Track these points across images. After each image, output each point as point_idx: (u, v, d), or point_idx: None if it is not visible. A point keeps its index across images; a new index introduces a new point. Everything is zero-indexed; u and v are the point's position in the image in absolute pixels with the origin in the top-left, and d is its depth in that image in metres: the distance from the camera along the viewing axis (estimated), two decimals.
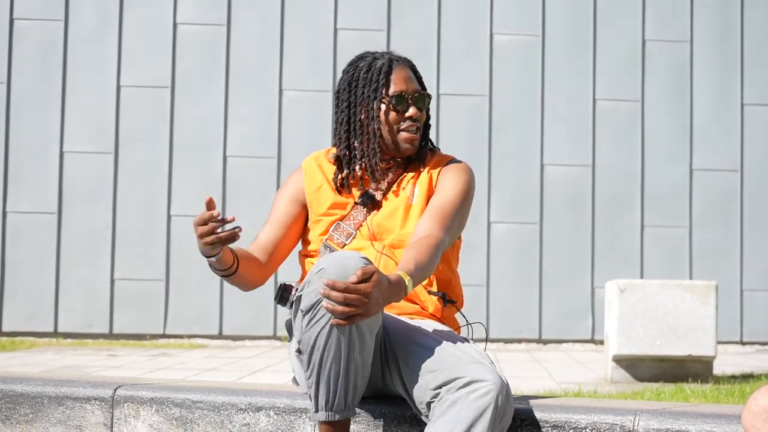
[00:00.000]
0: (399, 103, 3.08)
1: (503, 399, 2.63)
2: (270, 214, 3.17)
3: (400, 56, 3.17)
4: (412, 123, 3.09)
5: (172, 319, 8.61)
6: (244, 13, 8.79)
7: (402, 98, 3.09)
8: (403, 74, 3.11)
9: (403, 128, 3.09)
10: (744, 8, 8.87)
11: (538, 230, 8.73)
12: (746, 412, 2.25)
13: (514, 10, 8.86)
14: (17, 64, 8.70)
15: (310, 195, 3.14)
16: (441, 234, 2.94)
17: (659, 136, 8.81)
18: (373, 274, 2.60)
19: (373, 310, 2.60)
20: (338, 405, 2.70)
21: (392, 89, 3.09)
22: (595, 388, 5.35)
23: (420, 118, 3.11)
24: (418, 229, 2.98)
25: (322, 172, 3.15)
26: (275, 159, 8.71)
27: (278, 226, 3.14)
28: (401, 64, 3.14)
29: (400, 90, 3.09)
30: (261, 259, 3.08)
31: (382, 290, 2.62)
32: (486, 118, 8.78)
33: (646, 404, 3.08)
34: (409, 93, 3.10)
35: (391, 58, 3.13)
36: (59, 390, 3.37)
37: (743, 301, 8.73)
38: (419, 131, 3.12)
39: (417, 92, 3.11)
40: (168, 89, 8.73)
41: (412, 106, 3.10)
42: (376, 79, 3.09)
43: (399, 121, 3.09)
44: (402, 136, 3.10)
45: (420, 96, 3.11)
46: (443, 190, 3.08)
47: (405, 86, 3.10)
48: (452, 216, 3.02)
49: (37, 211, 8.63)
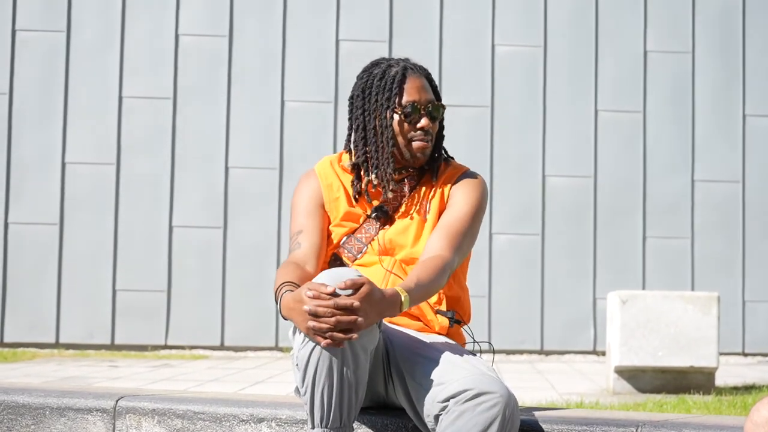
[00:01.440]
0: (412, 114, 3.05)
1: (510, 411, 2.63)
2: (296, 220, 3.08)
3: (416, 64, 3.13)
4: (424, 134, 3.06)
5: (174, 329, 8.60)
6: (247, 24, 8.81)
7: (415, 108, 3.05)
8: (417, 84, 3.07)
9: (416, 138, 3.06)
10: (745, 19, 8.88)
11: (539, 241, 8.72)
12: (749, 423, 2.25)
13: (516, 21, 8.87)
14: (20, 75, 8.72)
15: (329, 204, 3.10)
16: (449, 255, 2.93)
17: (661, 147, 8.81)
18: (362, 285, 2.59)
19: (364, 324, 2.59)
20: (333, 422, 2.69)
21: (405, 99, 3.05)
22: (597, 400, 5.34)
23: (432, 129, 3.08)
24: (428, 248, 2.96)
25: (339, 180, 3.12)
26: (277, 170, 8.71)
27: (314, 231, 3.05)
28: (416, 73, 3.10)
29: (413, 100, 3.05)
30: (310, 269, 2.98)
31: (372, 303, 2.61)
32: (488, 129, 8.78)
33: (648, 416, 3.07)
34: (422, 103, 3.06)
35: (405, 66, 3.09)
36: (61, 401, 3.36)
37: (745, 313, 8.72)
38: (432, 142, 3.09)
39: (431, 102, 3.07)
40: (170, 100, 8.74)
41: (425, 116, 3.06)
42: (389, 87, 3.05)
43: (411, 131, 3.06)
44: (414, 146, 3.06)
45: (434, 107, 3.08)
46: (454, 206, 3.05)
47: (418, 96, 3.06)
48: (462, 235, 3.00)
49: (38, 222, 8.63)
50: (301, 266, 2.94)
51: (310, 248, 3.01)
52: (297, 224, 3.07)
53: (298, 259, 2.98)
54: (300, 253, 3.00)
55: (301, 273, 2.90)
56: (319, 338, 2.59)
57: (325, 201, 3.10)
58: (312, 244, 3.02)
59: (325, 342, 2.58)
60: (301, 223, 3.07)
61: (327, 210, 3.10)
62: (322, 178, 3.12)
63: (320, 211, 3.09)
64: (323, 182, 3.11)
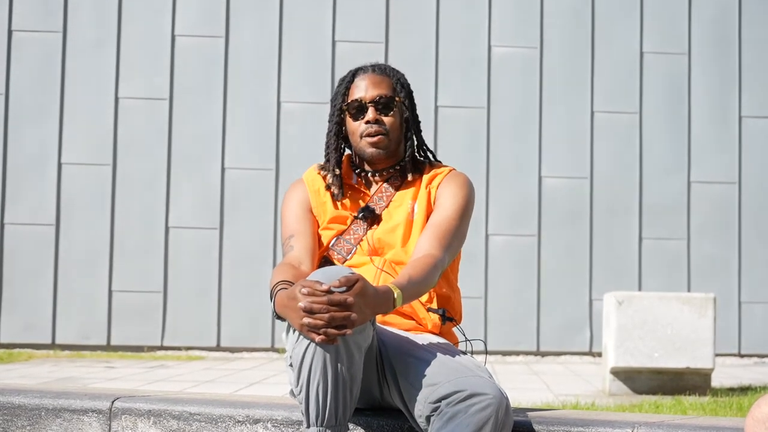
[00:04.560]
0: (357, 110, 3.09)
1: (503, 413, 2.63)
2: (287, 226, 3.11)
3: (375, 64, 3.17)
4: (370, 126, 3.08)
5: (170, 331, 8.60)
6: (243, 25, 8.81)
7: (360, 104, 3.09)
8: (366, 81, 3.11)
9: (365, 133, 3.08)
10: (741, 21, 8.89)
11: (536, 242, 8.73)
12: (749, 420, 2.25)
13: (513, 22, 8.87)
14: (16, 75, 8.71)
15: (316, 208, 3.13)
16: (440, 253, 2.94)
17: (657, 149, 8.82)
18: (356, 282, 2.60)
19: (358, 320, 2.60)
20: (329, 420, 2.69)
21: (351, 97, 3.10)
22: (593, 401, 5.34)
23: (384, 121, 3.09)
24: (418, 248, 2.97)
25: (325, 183, 3.15)
26: (273, 171, 8.71)
27: (305, 234, 3.07)
28: (367, 71, 3.13)
29: (358, 97, 3.09)
30: (306, 268, 2.99)
31: (367, 300, 2.62)
32: (484, 130, 8.79)
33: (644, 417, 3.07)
34: (367, 98, 3.09)
35: (358, 68, 3.15)
36: (57, 402, 3.36)
37: (741, 314, 8.73)
38: (386, 135, 3.09)
39: (378, 96, 3.09)
40: (166, 101, 8.74)
41: (371, 109, 3.08)
42: (340, 91, 3.12)
43: (360, 126, 3.09)
44: (364, 142, 3.09)
45: (381, 99, 3.09)
46: (442, 206, 3.07)
47: (364, 92, 3.09)
48: (452, 234, 3.01)
49: (35, 223, 8.63)
50: (296, 266, 2.96)
51: (304, 249, 3.03)
52: (288, 229, 3.10)
53: (293, 260, 3.00)
54: (294, 255, 3.02)
55: (296, 272, 2.91)
56: (313, 335, 2.59)
57: (313, 206, 3.13)
58: (305, 245, 3.04)
59: (320, 338, 2.58)
60: (292, 228, 3.09)
61: (315, 214, 3.13)
62: (309, 185, 3.16)
63: (309, 216, 3.12)
64: (311, 188, 3.15)
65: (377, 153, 3.09)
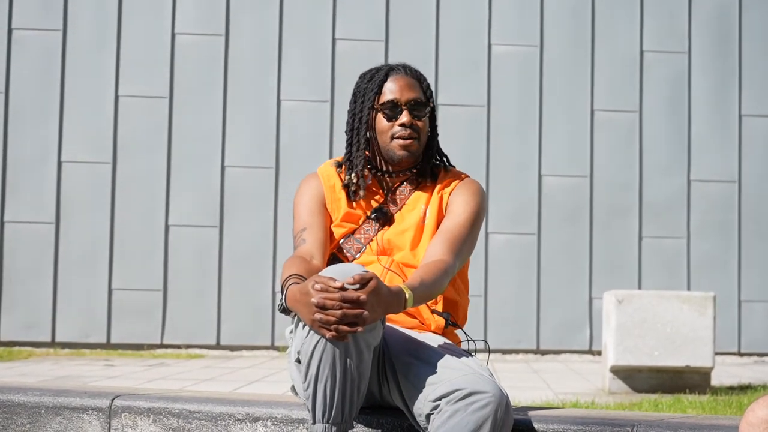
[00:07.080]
0: (392, 110, 3.08)
1: (503, 411, 2.63)
2: (299, 219, 3.09)
3: (406, 66, 3.17)
4: (404, 129, 3.08)
5: (170, 329, 8.60)
6: (243, 23, 8.80)
7: (394, 105, 3.08)
8: (401, 82, 3.10)
9: (397, 135, 3.08)
10: (742, 19, 8.89)
11: (536, 241, 8.72)
12: (744, 423, 2.25)
13: (513, 20, 8.87)
14: (16, 73, 8.71)
15: (331, 204, 3.13)
16: (451, 259, 2.95)
17: (657, 147, 8.82)
18: (369, 280, 2.60)
19: (369, 318, 2.60)
20: (335, 417, 2.69)
21: (386, 97, 3.09)
22: (592, 399, 5.34)
23: (417, 126, 3.09)
24: (429, 252, 2.98)
25: (341, 180, 3.14)
26: (273, 169, 8.71)
27: (318, 228, 3.07)
28: (400, 72, 3.13)
29: (393, 98, 3.08)
30: (317, 262, 2.99)
31: (379, 298, 2.62)
32: (484, 129, 8.79)
33: (643, 415, 3.08)
34: (403, 100, 3.08)
35: (391, 67, 3.13)
36: (56, 400, 3.36)
37: (741, 312, 8.72)
38: (419, 140, 3.11)
39: (413, 100, 3.10)
40: (166, 99, 8.73)
41: (406, 112, 3.08)
42: (371, 88, 3.10)
43: (393, 127, 3.08)
44: (395, 144, 3.08)
45: (416, 104, 3.10)
46: (454, 213, 3.07)
47: (399, 93, 3.09)
48: (462, 241, 3.02)
49: (35, 221, 8.62)
50: (307, 260, 2.96)
51: (316, 243, 3.03)
52: (300, 222, 3.09)
53: (305, 253, 3.00)
54: (306, 248, 3.02)
55: (308, 266, 2.91)
56: (324, 331, 2.59)
57: (327, 201, 3.13)
58: (317, 239, 3.04)
59: (330, 335, 2.59)
60: (304, 221, 3.08)
61: (329, 210, 3.12)
62: (324, 180, 3.15)
63: (323, 210, 3.12)
64: (326, 183, 3.14)
65: (407, 156, 3.09)
